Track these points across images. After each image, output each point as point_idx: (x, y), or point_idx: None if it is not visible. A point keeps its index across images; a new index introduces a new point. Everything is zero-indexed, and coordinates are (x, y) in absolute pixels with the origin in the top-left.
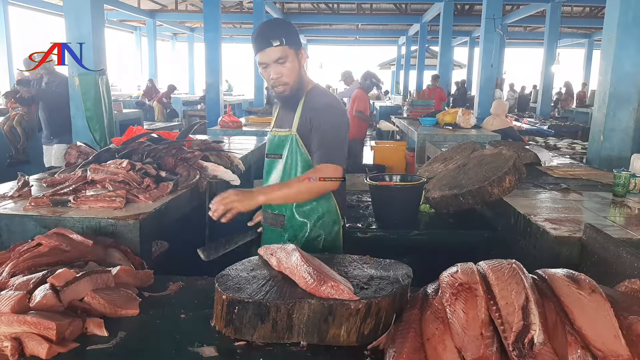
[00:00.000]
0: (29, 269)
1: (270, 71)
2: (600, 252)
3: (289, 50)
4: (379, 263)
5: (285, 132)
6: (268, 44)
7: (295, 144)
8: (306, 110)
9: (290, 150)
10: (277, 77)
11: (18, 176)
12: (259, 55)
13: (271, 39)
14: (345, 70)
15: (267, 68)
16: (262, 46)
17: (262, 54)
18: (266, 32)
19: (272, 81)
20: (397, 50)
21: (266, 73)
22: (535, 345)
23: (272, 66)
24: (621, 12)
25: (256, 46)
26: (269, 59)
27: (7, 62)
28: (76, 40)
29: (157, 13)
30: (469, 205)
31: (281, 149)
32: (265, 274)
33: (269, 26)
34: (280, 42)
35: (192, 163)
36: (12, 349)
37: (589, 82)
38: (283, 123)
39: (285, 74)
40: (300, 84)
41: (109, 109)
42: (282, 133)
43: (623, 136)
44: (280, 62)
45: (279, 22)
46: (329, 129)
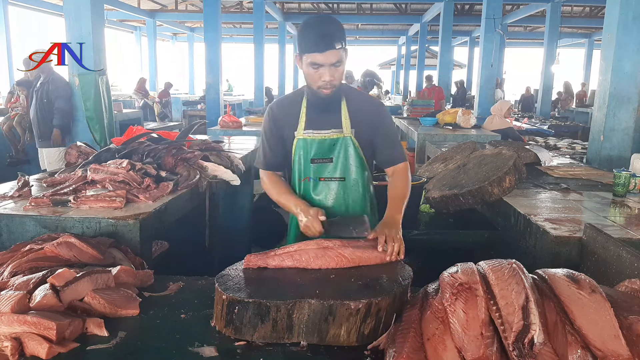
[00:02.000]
0: (30, 269)
1: (323, 73)
2: (600, 252)
3: (344, 54)
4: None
5: (335, 135)
6: (331, 47)
7: (352, 145)
8: (354, 110)
9: (344, 153)
10: (331, 79)
11: (18, 176)
12: (317, 55)
13: (334, 41)
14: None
15: (320, 69)
16: (324, 48)
17: (322, 55)
18: (328, 32)
19: (324, 83)
20: (397, 50)
21: (317, 74)
22: (535, 345)
23: (327, 68)
24: (621, 12)
25: (316, 46)
26: (327, 61)
27: (7, 62)
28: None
29: (157, 13)
30: (469, 205)
31: (332, 152)
32: (266, 273)
33: (331, 27)
34: (342, 45)
35: (192, 163)
36: (12, 349)
37: (589, 82)
38: (323, 125)
39: (337, 77)
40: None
41: (109, 109)
42: (331, 136)
43: (623, 136)
44: (336, 65)
45: (336, 23)
46: (391, 127)
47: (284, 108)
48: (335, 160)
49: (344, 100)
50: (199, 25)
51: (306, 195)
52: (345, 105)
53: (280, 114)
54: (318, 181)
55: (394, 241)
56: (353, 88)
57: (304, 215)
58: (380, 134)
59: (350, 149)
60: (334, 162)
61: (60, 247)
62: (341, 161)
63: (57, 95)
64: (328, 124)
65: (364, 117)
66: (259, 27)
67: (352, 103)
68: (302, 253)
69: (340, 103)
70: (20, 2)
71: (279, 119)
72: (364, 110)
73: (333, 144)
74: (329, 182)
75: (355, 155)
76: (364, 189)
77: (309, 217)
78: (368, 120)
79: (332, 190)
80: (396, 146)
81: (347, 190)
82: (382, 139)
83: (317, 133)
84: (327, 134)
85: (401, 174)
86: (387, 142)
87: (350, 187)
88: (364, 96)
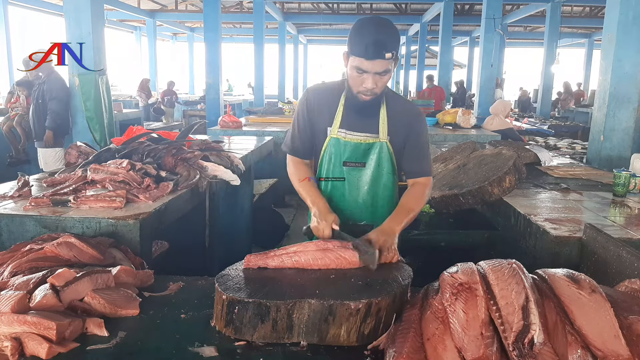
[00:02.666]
0: (30, 269)
1: (367, 79)
2: (600, 252)
3: (393, 64)
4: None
5: (372, 139)
6: (381, 56)
7: (387, 152)
8: (392, 116)
9: (379, 158)
10: (373, 87)
11: (18, 176)
12: (364, 61)
13: (386, 51)
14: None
15: (364, 75)
16: (373, 56)
17: (370, 63)
18: (382, 40)
19: (365, 90)
20: None
21: (360, 79)
22: (535, 345)
23: (372, 76)
24: (621, 12)
25: (365, 52)
26: (373, 69)
27: (7, 62)
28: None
29: (157, 13)
30: (469, 205)
31: (366, 157)
32: (266, 273)
33: (385, 32)
34: (392, 55)
35: (192, 163)
36: (12, 349)
37: (588, 82)
38: (360, 127)
39: (380, 85)
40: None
41: (109, 109)
42: (368, 140)
43: (623, 136)
44: (382, 74)
45: (393, 31)
46: (423, 139)
47: (322, 96)
48: (368, 165)
49: (384, 104)
50: (199, 25)
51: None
52: (384, 110)
53: (316, 102)
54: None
55: (388, 251)
56: (393, 92)
57: (319, 217)
58: (412, 143)
59: (384, 155)
60: (367, 166)
61: (60, 247)
62: (374, 166)
63: (51, 96)
64: (365, 127)
65: (400, 123)
66: (259, 27)
67: (391, 108)
68: (302, 254)
69: (380, 107)
70: (20, 2)
71: (313, 107)
72: (402, 117)
73: (368, 149)
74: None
75: (389, 161)
76: (392, 194)
77: (322, 222)
78: (404, 127)
79: (362, 194)
80: (424, 159)
81: (376, 196)
82: (411, 149)
83: (352, 134)
84: (363, 138)
85: (419, 188)
86: (416, 152)
87: (381, 193)
88: (405, 102)
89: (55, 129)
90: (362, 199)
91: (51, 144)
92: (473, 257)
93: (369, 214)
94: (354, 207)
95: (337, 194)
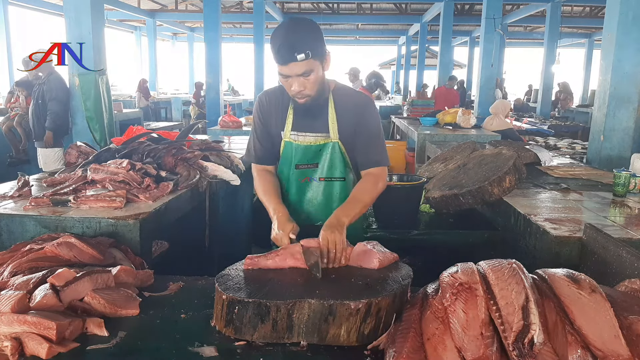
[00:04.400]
0: (30, 269)
1: (292, 83)
2: (600, 252)
3: (315, 62)
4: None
5: (322, 140)
6: (292, 59)
7: (338, 151)
8: (341, 113)
9: (330, 158)
10: (300, 90)
11: (18, 176)
12: (280, 67)
13: (296, 52)
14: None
15: (289, 79)
16: (286, 60)
17: (285, 67)
18: (291, 43)
19: (294, 93)
20: (397, 50)
21: (287, 83)
22: (535, 345)
23: (295, 79)
24: (621, 12)
25: (279, 58)
26: (291, 72)
27: (7, 62)
28: (76, 40)
29: (157, 13)
30: (469, 205)
31: (317, 158)
32: (266, 273)
33: (294, 33)
34: (307, 55)
35: (192, 163)
36: (12, 349)
37: (589, 82)
38: (310, 128)
39: (308, 87)
40: (323, 89)
41: (109, 109)
42: (318, 141)
43: (623, 136)
44: (305, 76)
45: (304, 28)
46: (374, 129)
47: (273, 100)
48: (320, 165)
49: (331, 102)
50: (199, 25)
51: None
52: (332, 108)
53: (268, 106)
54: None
55: (335, 247)
56: (342, 86)
57: (277, 227)
58: (361, 134)
59: (337, 154)
60: (319, 167)
61: (60, 247)
62: (327, 167)
63: (50, 97)
64: (315, 128)
65: (349, 118)
66: (259, 27)
67: (339, 104)
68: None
69: (327, 105)
70: (20, 2)
71: (266, 111)
72: (350, 111)
73: (320, 150)
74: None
75: (342, 161)
76: (348, 193)
77: (280, 231)
78: (353, 120)
79: (317, 195)
80: (375, 149)
81: (330, 196)
82: (361, 140)
83: (303, 136)
84: (313, 139)
85: (370, 179)
86: (365, 143)
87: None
88: (352, 95)
89: (55, 129)
90: (317, 200)
91: (51, 145)
92: (473, 257)
93: (325, 214)
94: (310, 208)
95: (294, 198)
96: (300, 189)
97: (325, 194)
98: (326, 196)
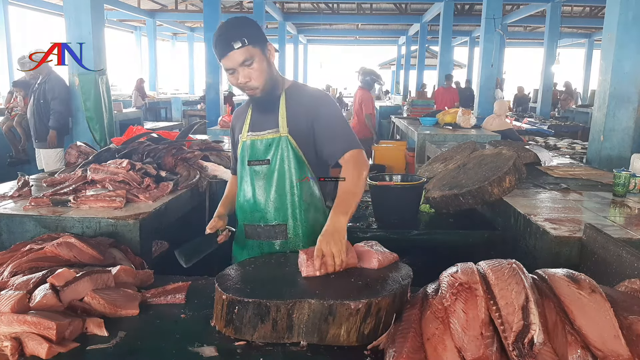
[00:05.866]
0: (30, 269)
1: (237, 76)
2: (600, 252)
3: (254, 49)
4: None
5: (271, 135)
6: (229, 48)
7: (287, 146)
8: (293, 107)
9: (280, 153)
10: (246, 80)
11: (18, 176)
12: (222, 61)
13: (231, 41)
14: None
15: (235, 73)
16: (224, 51)
17: (226, 59)
18: (225, 35)
19: (241, 85)
20: (397, 50)
21: (234, 78)
22: (535, 345)
23: (239, 70)
24: (621, 12)
25: (218, 52)
26: (234, 63)
27: (7, 62)
28: (76, 40)
29: (157, 13)
30: (469, 205)
31: (267, 154)
32: (266, 273)
33: (227, 27)
34: (242, 43)
35: (192, 163)
36: (12, 349)
37: (588, 82)
38: (262, 126)
39: (254, 76)
40: (274, 83)
41: (109, 109)
42: (266, 136)
43: (623, 136)
44: (246, 65)
45: (237, 21)
46: (334, 118)
47: (239, 112)
48: (272, 162)
49: (283, 98)
50: (199, 25)
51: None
52: (283, 103)
53: (236, 119)
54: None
55: (333, 259)
56: (299, 84)
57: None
58: (322, 126)
59: (287, 149)
60: (271, 163)
61: (60, 247)
62: (278, 162)
63: (53, 96)
64: (266, 125)
65: (302, 113)
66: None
67: (291, 100)
68: None
69: (279, 102)
70: (20, 2)
71: (234, 124)
72: (303, 106)
73: (269, 145)
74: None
75: (293, 155)
76: (302, 190)
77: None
78: (306, 115)
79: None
80: (341, 135)
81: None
82: (324, 131)
83: (255, 134)
84: (262, 135)
85: (350, 165)
86: (330, 133)
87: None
88: (307, 91)
89: (59, 128)
90: (272, 198)
91: (54, 144)
92: (473, 257)
93: (281, 213)
94: (265, 207)
95: (250, 196)
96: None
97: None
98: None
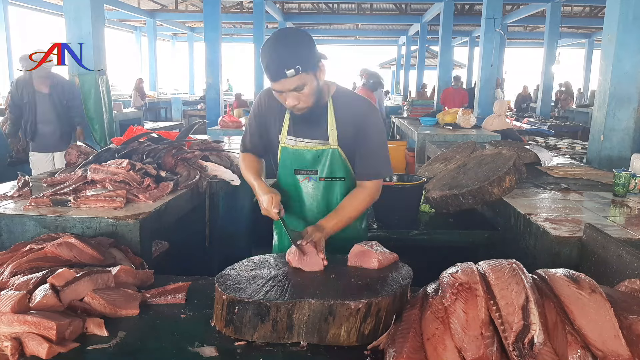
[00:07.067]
0: (30, 269)
1: (286, 97)
2: (600, 252)
3: (307, 76)
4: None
5: (320, 146)
6: (282, 75)
7: (338, 158)
8: (342, 117)
9: (330, 165)
10: (295, 104)
11: (18, 176)
12: (272, 83)
13: (285, 68)
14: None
15: (283, 94)
16: (276, 77)
17: (277, 84)
18: (279, 60)
19: (289, 106)
20: (397, 50)
21: (282, 97)
22: (535, 345)
23: (288, 94)
24: (621, 12)
25: (269, 75)
26: (283, 88)
27: (7, 62)
28: (76, 40)
29: (157, 13)
30: (469, 205)
31: (317, 164)
32: (266, 273)
33: (282, 49)
34: (297, 70)
35: (192, 163)
36: (12, 349)
37: (588, 82)
38: (307, 133)
39: (303, 99)
40: (320, 97)
41: (109, 109)
42: (316, 147)
43: (623, 136)
44: (298, 90)
45: (292, 41)
46: (377, 139)
47: (272, 101)
48: (320, 171)
49: (331, 108)
50: (199, 25)
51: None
52: (332, 114)
53: (267, 106)
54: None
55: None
56: (344, 89)
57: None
58: (360, 144)
59: (336, 161)
60: (319, 173)
61: (61, 248)
62: (327, 173)
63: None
64: (314, 134)
65: (350, 125)
66: (259, 27)
67: (339, 111)
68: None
69: (327, 111)
70: (20, 2)
71: (265, 111)
72: (350, 118)
73: (318, 156)
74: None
75: (342, 166)
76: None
77: (264, 206)
78: (354, 127)
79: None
80: (375, 161)
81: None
82: (360, 150)
83: (300, 142)
84: (311, 145)
85: (360, 192)
86: (364, 154)
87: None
88: (353, 100)
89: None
90: (317, 208)
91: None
92: (473, 257)
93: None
94: (310, 216)
95: (295, 204)
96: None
97: (326, 195)
98: (326, 198)
